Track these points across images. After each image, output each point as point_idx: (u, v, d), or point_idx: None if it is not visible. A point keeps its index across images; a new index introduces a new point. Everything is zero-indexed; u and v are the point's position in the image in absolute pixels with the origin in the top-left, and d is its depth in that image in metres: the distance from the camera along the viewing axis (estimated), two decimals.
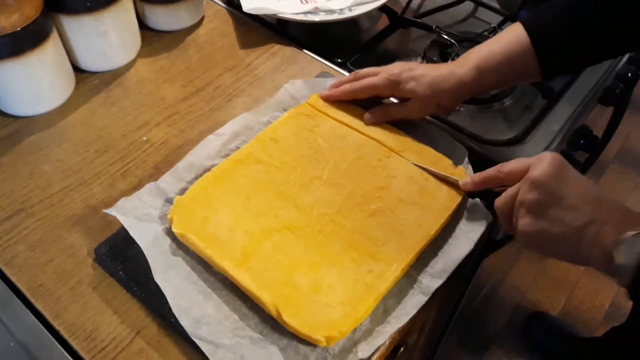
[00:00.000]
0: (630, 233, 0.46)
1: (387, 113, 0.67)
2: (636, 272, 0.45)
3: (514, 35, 0.60)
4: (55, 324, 0.53)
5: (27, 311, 0.54)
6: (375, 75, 0.66)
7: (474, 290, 1.10)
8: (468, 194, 0.60)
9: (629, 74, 0.86)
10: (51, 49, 0.68)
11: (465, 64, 0.62)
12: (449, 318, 0.98)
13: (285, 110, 0.69)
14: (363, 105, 0.68)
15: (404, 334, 0.55)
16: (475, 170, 0.63)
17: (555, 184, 0.50)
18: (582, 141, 0.80)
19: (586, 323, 1.46)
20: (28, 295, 0.55)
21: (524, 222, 0.51)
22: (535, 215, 0.50)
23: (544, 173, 0.50)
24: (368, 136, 0.65)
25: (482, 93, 0.72)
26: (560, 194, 0.49)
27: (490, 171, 0.57)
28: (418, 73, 0.63)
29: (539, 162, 0.51)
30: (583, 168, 0.87)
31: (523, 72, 0.61)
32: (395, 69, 0.65)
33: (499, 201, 0.55)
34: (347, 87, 0.68)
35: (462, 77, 0.62)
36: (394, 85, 0.64)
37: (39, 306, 0.54)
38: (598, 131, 0.94)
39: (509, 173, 0.54)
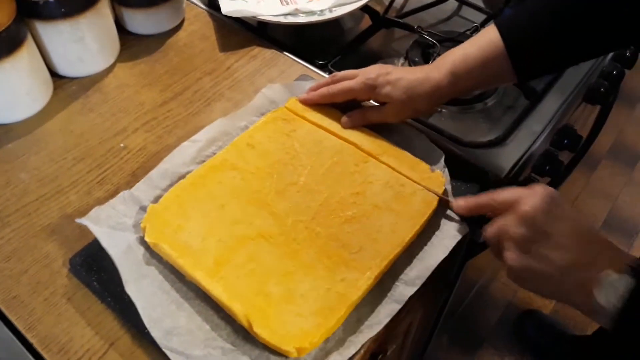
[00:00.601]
0: (612, 274, 0.45)
1: (364, 117, 0.66)
2: (619, 316, 0.44)
3: (488, 38, 0.59)
4: (28, 336, 0.53)
5: (1, 323, 0.54)
6: (353, 79, 0.65)
7: (464, 289, 1.09)
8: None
9: (614, 72, 0.85)
10: (26, 55, 0.67)
11: (440, 69, 0.61)
12: (437, 320, 0.97)
13: (263, 115, 0.68)
14: (342, 108, 0.68)
15: (381, 341, 0.55)
16: (452, 174, 0.62)
17: (544, 219, 0.48)
18: (566, 141, 0.79)
19: (578, 321, 1.45)
20: (2, 307, 0.55)
21: (510, 255, 0.50)
22: (521, 250, 0.49)
23: (534, 208, 0.49)
24: (346, 140, 0.65)
25: (459, 96, 0.72)
26: (548, 231, 0.48)
27: (483, 198, 0.56)
28: (394, 77, 0.62)
29: (531, 195, 0.50)
30: (568, 168, 0.86)
31: (498, 76, 0.60)
32: (372, 72, 0.64)
33: (489, 232, 0.53)
34: (324, 90, 0.67)
35: (438, 82, 0.61)
36: (370, 90, 0.64)
37: (13, 318, 0.54)
38: (586, 129, 0.94)
39: (502, 202, 0.53)
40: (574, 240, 0.48)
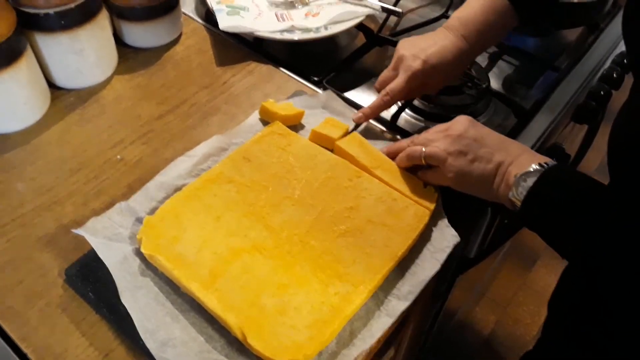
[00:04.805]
0: (524, 172, 0.54)
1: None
2: (524, 204, 0.54)
3: None
4: (23, 346, 0.53)
5: None
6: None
7: (453, 305, 1.10)
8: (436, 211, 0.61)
9: (602, 92, 0.87)
10: (25, 66, 0.68)
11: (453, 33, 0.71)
12: (427, 334, 0.98)
13: (257, 132, 0.69)
14: None
15: (373, 354, 0.55)
16: (444, 191, 0.64)
17: (471, 136, 0.60)
18: (554, 159, 0.81)
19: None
20: None
21: (451, 167, 0.59)
22: (458, 161, 0.59)
23: (463, 129, 0.60)
24: (344, 152, 0.66)
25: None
26: (476, 143, 0.59)
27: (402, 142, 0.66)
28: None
29: (456, 122, 0.62)
30: None
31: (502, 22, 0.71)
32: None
33: (428, 151, 0.61)
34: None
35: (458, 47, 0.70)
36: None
37: (7, 328, 0.54)
38: (574, 148, 0.96)
39: (436, 132, 0.63)
40: (498, 146, 0.59)
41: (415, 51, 0.69)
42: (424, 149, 0.62)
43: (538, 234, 0.55)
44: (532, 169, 0.54)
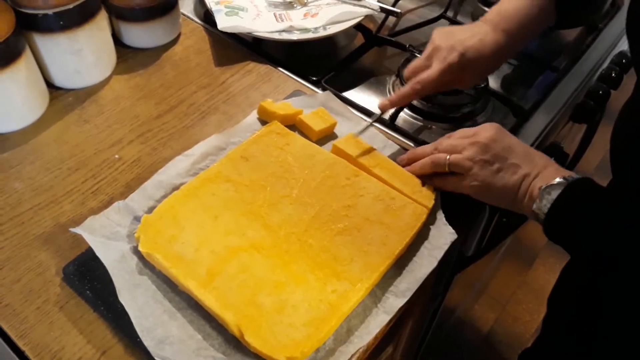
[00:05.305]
0: (547, 185, 0.55)
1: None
2: (548, 216, 0.54)
3: None
4: (20, 344, 0.53)
5: None
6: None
7: (452, 303, 1.10)
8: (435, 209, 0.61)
9: (600, 92, 0.88)
10: (24, 67, 0.68)
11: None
12: (426, 331, 0.98)
13: (255, 131, 0.69)
14: None
15: (371, 352, 0.55)
16: (442, 191, 0.64)
17: (499, 146, 0.59)
18: (553, 159, 0.81)
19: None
20: None
21: (475, 177, 0.59)
22: (483, 172, 0.59)
23: (490, 138, 0.59)
24: (343, 152, 0.66)
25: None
26: (502, 154, 0.59)
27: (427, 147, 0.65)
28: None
29: (484, 129, 0.61)
30: None
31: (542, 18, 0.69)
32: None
33: (453, 159, 0.61)
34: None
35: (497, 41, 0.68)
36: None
37: (5, 326, 0.54)
38: (573, 147, 0.96)
39: (461, 137, 0.62)
40: (524, 157, 0.58)
41: (453, 42, 0.67)
42: (448, 157, 0.61)
43: (562, 246, 0.56)
44: (556, 182, 0.54)
